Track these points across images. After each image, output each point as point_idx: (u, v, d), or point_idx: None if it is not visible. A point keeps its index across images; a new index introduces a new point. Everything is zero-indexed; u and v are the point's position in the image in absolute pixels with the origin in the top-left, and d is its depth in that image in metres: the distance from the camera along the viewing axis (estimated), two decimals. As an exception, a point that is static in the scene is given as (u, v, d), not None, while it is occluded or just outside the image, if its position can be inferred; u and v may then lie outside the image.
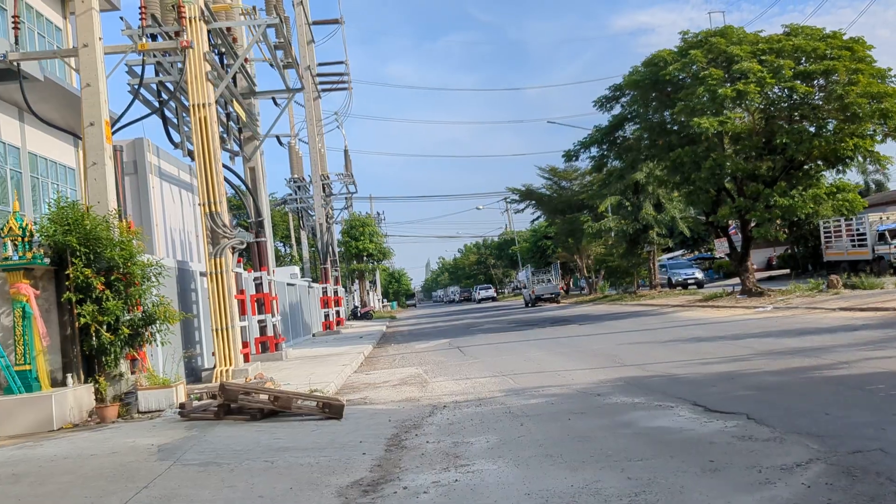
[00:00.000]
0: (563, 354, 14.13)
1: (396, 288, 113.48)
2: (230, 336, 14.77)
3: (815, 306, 18.70)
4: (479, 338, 21.53)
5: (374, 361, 17.36)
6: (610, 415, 7.52)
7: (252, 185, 20.38)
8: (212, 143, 14.94)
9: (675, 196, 35.98)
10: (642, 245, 37.55)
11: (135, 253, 10.32)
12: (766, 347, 11.83)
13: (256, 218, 20.01)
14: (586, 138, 28.26)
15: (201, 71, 14.97)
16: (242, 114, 18.93)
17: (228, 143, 18.16)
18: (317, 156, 35.26)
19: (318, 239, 35.74)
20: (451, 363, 14.79)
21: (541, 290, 46.65)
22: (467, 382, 11.34)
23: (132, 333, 10.26)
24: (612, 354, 13.18)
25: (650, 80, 24.48)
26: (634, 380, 9.80)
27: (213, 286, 14.78)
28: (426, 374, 13.09)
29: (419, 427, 7.78)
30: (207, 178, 14.93)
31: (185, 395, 10.53)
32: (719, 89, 21.55)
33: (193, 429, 8.17)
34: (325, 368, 15.11)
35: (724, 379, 9.12)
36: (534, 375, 11.39)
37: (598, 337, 17.52)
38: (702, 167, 24.09)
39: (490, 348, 17.40)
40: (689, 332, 16.34)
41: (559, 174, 48.23)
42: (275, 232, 68.76)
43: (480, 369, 13.02)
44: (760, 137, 24.02)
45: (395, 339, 26.54)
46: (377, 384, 12.39)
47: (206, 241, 15.00)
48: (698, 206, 27.50)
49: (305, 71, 35.21)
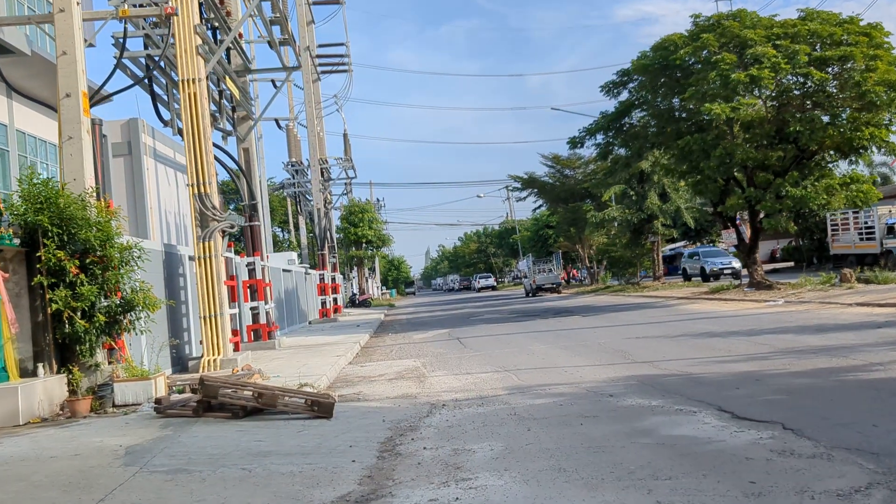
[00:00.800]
0: (567, 348, 13.44)
1: (396, 275, 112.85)
2: (219, 324, 14.07)
3: (829, 301, 17.99)
4: (479, 328, 20.85)
5: (371, 352, 16.68)
6: (626, 420, 6.82)
7: (246, 167, 19.62)
8: (201, 120, 14.18)
9: (681, 186, 35.21)
10: (646, 235, 36.77)
11: (113, 234, 9.59)
12: (786, 345, 11.12)
13: (250, 201, 19.25)
14: (592, 125, 27.42)
15: (191, 44, 14.19)
16: (236, 92, 18.14)
17: (221, 122, 17.38)
18: (315, 139, 34.46)
19: (315, 224, 34.99)
20: (450, 356, 14.10)
21: (542, 280, 45.93)
22: (468, 378, 10.65)
23: (109, 321, 9.55)
24: (620, 349, 12.48)
25: (660, 65, 23.65)
26: (648, 379, 9.10)
27: (201, 271, 14.07)
28: (424, 368, 12.40)
29: (416, 429, 7.09)
30: (197, 158, 14.18)
31: (166, 387, 9.83)
32: (732, 74, 20.73)
33: (168, 427, 7.47)
34: (318, 359, 14.42)
35: (747, 380, 8.41)
36: (539, 371, 10.70)
37: (603, 330, 16.83)
38: (711, 155, 23.32)
39: (491, 340, 16.72)
40: (700, 326, 15.64)
41: (562, 162, 47.41)
42: (273, 217, 68.03)
43: (481, 363, 12.33)
44: (772, 126, 23.22)
45: (392, 328, 25.87)
46: (372, 377, 11.71)
47: (195, 224, 14.27)
48: (706, 195, 26.72)
49: (305, 52, 34.37)
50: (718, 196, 26.67)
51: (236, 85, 18.17)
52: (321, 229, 34.09)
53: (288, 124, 36.25)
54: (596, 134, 27.55)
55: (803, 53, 20.85)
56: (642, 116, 27.23)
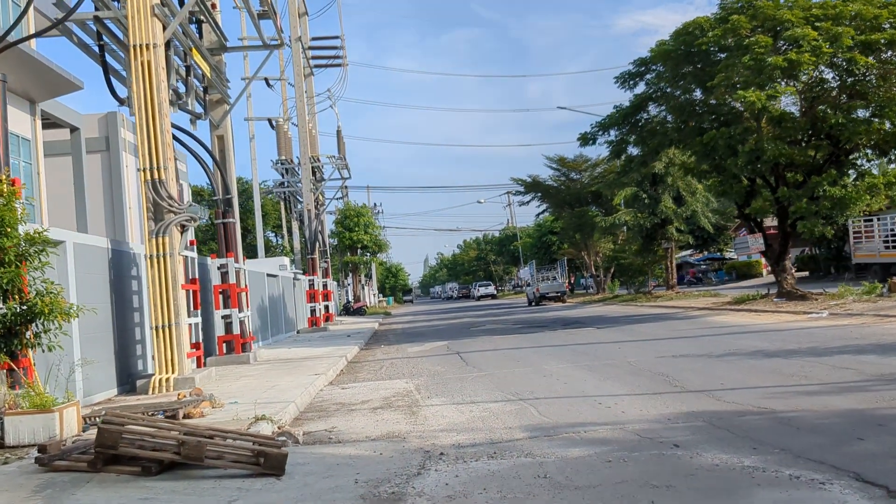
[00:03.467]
0: (592, 369, 11.12)
1: (393, 283, 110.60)
2: (173, 336, 11.79)
3: (883, 314, 15.66)
4: (481, 341, 18.53)
5: (357, 368, 14.37)
6: (720, 496, 4.51)
7: (220, 157, 17.35)
8: (156, 93, 11.92)
9: (698, 188, 32.93)
10: (659, 241, 34.41)
11: (8, 221, 7.31)
12: (877, 370, 8.80)
13: (224, 195, 16.97)
14: (605, 119, 25.14)
15: (145, 2, 11.94)
16: (206, 68, 15.88)
17: (189, 103, 15.09)
18: (306, 135, 32.19)
19: (305, 227, 32.68)
20: (450, 376, 11.78)
21: (546, 289, 43.59)
22: (473, 409, 8.33)
23: (3, 333, 7.27)
24: (659, 372, 10.17)
25: (683, 52, 21.41)
26: (717, 417, 6.79)
27: (153, 273, 11.80)
28: (418, 392, 10.09)
29: (401, 501, 4.79)
30: (150, 138, 11.92)
31: (79, 422, 7.51)
32: (768, 58, 18.47)
33: (44, 491, 5.17)
34: (293, 378, 12.10)
35: (864, 424, 6.09)
36: (564, 402, 8.39)
37: (628, 346, 14.51)
38: (738, 152, 21.09)
39: (497, 356, 14.40)
40: (744, 342, 13.33)
41: (568, 164, 45.10)
42: (267, 222, 65.70)
43: (489, 387, 10.02)
44: (806, 119, 20.97)
45: (386, 338, 23.54)
46: (353, 405, 9.39)
47: (147, 217, 11.99)
48: (730, 197, 24.43)
49: (296, 42, 32.18)
50: (744, 198, 24.42)
51: (207, 62, 15.92)
52: (311, 231, 31.78)
53: (278, 120, 33.98)
54: (609, 129, 25.30)
55: (847, 36, 18.61)
56: (660, 111, 25.01)
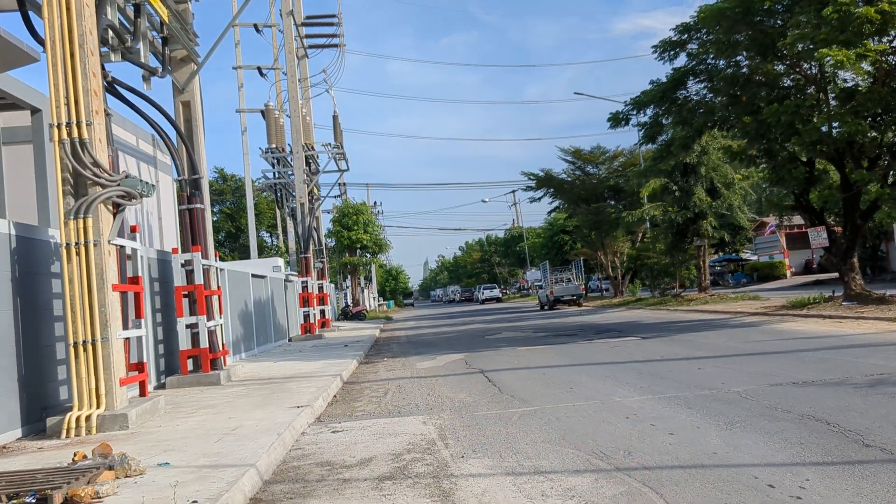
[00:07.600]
0: (691, 406, 7.78)
1: (394, 286, 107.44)
2: (99, 355, 8.48)
3: None
4: (505, 354, 15.21)
5: (355, 393, 11.06)
6: None
7: (186, 129, 14.07)
8: (75, 20, 8.61)
9: (738, 178, 29.57)
10: (691, 238, 31.03)
11: None
12: None
13: (191, 175, 13.67)
14: (640, 96, 21.87)
15: None
16: (165, 14, 12.57)
17: (142, 55, 11.79)
18: (299, 121, 28.88)
19: (298, 223, 29.36)
20: (484, 411, 8.46)
21: (560, 291, 40.20)
22: (544, 488, 5.00)
23: None
24: (802, 413, 6.84)
25: (741, 10, 18.10)
26: None
27: (71, 268, 8.50)
28: (444, 444, 6.77)
29: None
30: (65, 80, 8.61)
31: None
32: (856, 10, 15.20)
33: None
34: (265, 412, 8.79)
35: None
36: (696, 478, 5.05)
37: (707, 364, 11.19)
38: (801, 131, 17.86)
39: (536, 378, 11.08)
40: (858, 359, 10.04)
41: (584, 157, 41.75)
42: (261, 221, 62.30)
43: (551, 438, 6.70)
44: (887, 90, 17.69)
45: (389, 348, 20.24)
46: (346, 468, 6.07)
47: (61, 192, 8.67)
48: (787, 184, 21.15)
49: (288, 17, 28.93)
50: (802, 185, 21.15)
51: (166, 5, 12.60)
52: (305, 228, 28.46)
53: (268, 104, 30.69)
54: (646, 107, 22.02)
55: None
56: (703, 87, 21.76)
